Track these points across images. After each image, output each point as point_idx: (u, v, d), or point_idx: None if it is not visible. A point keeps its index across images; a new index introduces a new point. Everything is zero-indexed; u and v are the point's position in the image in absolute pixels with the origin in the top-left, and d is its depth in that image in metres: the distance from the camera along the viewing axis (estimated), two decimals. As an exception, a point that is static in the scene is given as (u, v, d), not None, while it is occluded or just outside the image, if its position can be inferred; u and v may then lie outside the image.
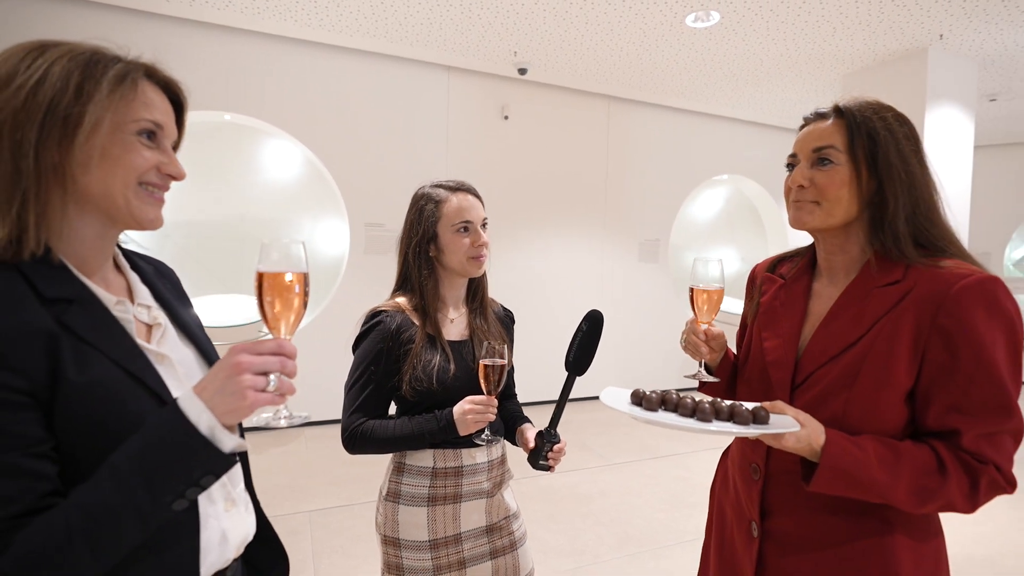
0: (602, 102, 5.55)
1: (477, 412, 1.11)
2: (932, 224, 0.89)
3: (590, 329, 1.13)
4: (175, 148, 0.74)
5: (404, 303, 1.25)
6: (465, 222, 1.23)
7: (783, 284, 1.04)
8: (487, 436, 1.16)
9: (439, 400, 1.18)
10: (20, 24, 3.62)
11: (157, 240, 4.75)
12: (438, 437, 1.15)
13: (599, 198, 5.65)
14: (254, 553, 0.81)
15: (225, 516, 0.73)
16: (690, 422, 0.86)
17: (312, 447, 4.08)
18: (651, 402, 0.91)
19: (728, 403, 0.86)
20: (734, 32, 4.07)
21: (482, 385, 1.11)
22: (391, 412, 1.25)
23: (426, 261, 1.25)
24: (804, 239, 1.05)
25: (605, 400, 0.95)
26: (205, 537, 0.69)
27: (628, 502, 3.21)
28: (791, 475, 0.91)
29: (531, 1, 3.67)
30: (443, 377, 1.18)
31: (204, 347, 0.80)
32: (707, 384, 1.09)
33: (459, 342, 1.25)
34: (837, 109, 0.93)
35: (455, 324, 1.28)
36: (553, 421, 1.16)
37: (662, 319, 5.99)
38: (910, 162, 0.88)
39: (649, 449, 4.15)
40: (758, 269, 1.14)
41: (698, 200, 6.98)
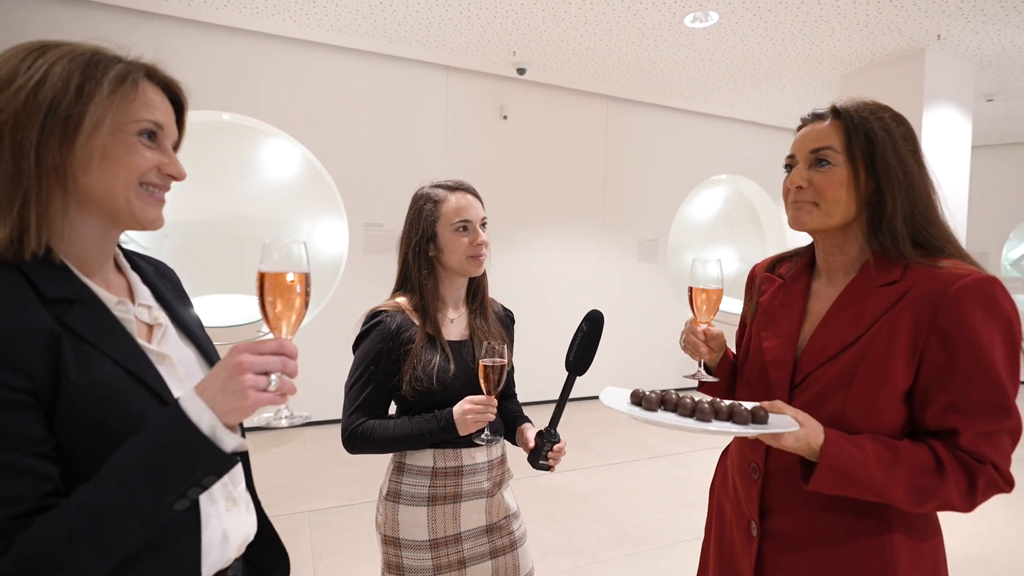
0: (601, 102, 5.56)
1: (477, 412, 1.11)
2: (930, 224, 0.89)
3: (590, 329, 1.13)
4: (175, 148, 0.74)
5: (404, 303, 1.25)
6: (463, 221, 1.23)
7: (782, 284, 1.05)
8: (487, 436, 1.16)
9: (439, 400, 1.18)
10: (17, 23, 3.61)
11: (155, 240, 4.74)
12: (438, 437, 1.16)
13: (598, 198, 5.66)
14: (255, 553, 0.82)
15: (226, 516, 0.73)
16: (689, 422, 0.86)
17: (311, 447, 4.08)
18: (650, 402, 0.92)
19: (727, 403, 0.87)
20: (732, 32, 4.07)
21: (482, 385, 1.11)
22: (391, 412, 1.25)
23: (426, 261, 1.25)
24: (803, 239, 1.05)
25: (605, 400, 0.95)
26: (206, 537, 0.69)
27: (627, 501, 3.22)
28: (790, 474, 0.91)
29: (530, 1, 3.67)
30: (443, 377, 1.18)
31: (205, 347, 0.80)
32: (706, 384, 1.09)
33: (459, 342, 1.26)
34: (834, 110, 0.93)
35: (455, 324, 1.28)
36: (553, 421, 1.16)
37: (661, 319, 5.99)
38: (907, 162, 0.88)
39: (648, 449, 4.15)
40: (757, 269, 1.14)
41: (697, 200, 6.99)
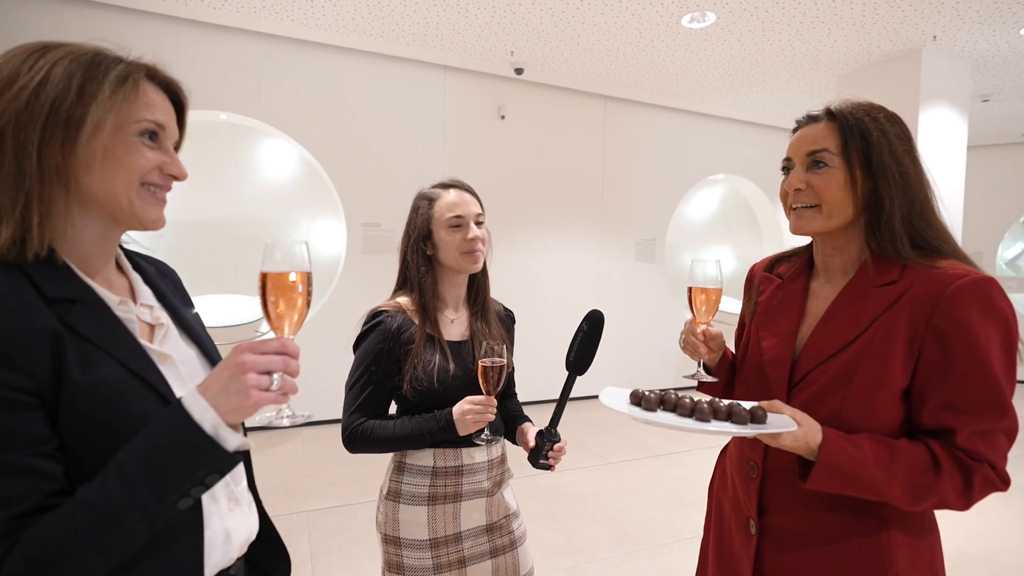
0: (598, 102, 5.56)
1: (476, 412, 1.12)
2: (927, 224, 0.90)
3: (591, 329, 1.13)
4: (176, 148, 0.74)
5: (405, 303, 1.25)
6: (456, 217, 1.23)
7: (781, 284, 1.05)
8: (487, 436, 1.17)
9: (439, 400, 1.18)
10: (14, 22, 3.60)
11: (152, 240, 4.72)
12: (438, 437, 1.16)
13: (596, 198, 5.66)
14: (256, 553, 0.82)
15: (229, 515, 0.73)
16: (689, 422, 0.87)
17: (309, 447, 4.08)
18: (650, 402, 0.92)
19: (726, 403, 0.87)
20: (730, 33, 4.08)
21: (481, 385, 1.11)
22: (392, 412, 1.25)
23: (424, 260, 1.26)
24: (800, 239, 1.05)
25: (604, 400, 0.95)
26: (209, 536, 0.69)
27: (626, 501, 3.23)
28: (789, 473, 0.92)
29: (528, 1, 3.68)
30: (443, 377, 1.18)
31: (206, 347, 0.80)
32: (706, 384, 1.10)
33: (459, 342, 1.26)
34: (829, 112, 0.93)
35: (455, 324, 1.29)
36: (553, 420, 1.16)
37: (659, 319, 6.00)
38: (903, 162, 0.89)
39: (647, 448, 4.16)
40: (756, 268, 1.15)
41: (694, 200, 7.00)
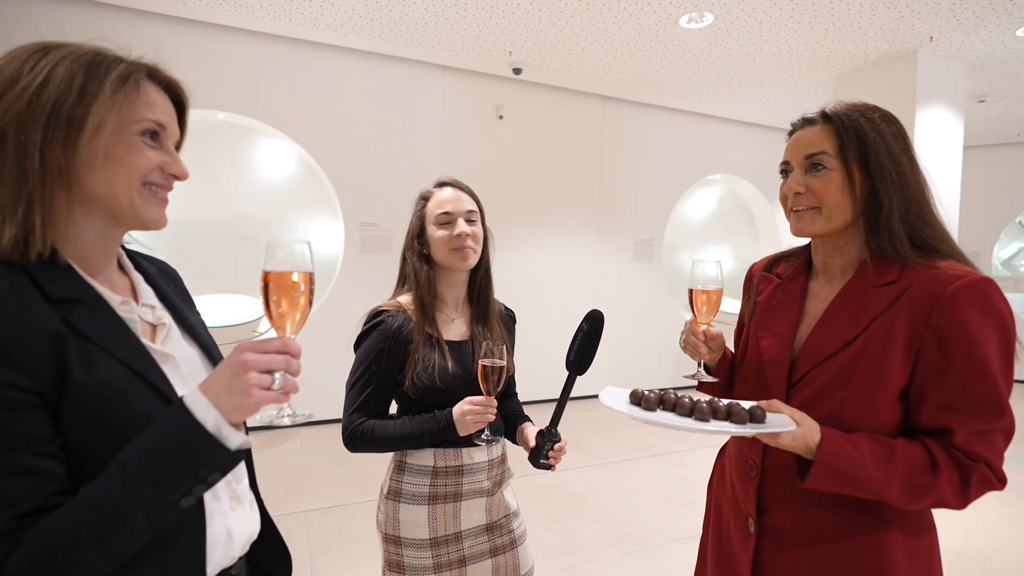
0: (596, 102, 5.57)
1: (476, 413, 1.12)
2: (924, 223, 0.90)
3: (591, 329, 1.13)
4: (177, 148, 0.75)
5: (405, 302, 1.26)
6: (445, 213, 1.24)
7: (780, 284, 1.05)
8: (487, 436, 1.16)
9: (440, 399, 1.18)
10: (12, 22, 3.58)
11: (151, 239, 4.71)
12: (438, 437, 1.16)
13: (593, 198, 5.67)
14: (258, 552, 0.82)
15: (230, 514, 0.73)
16: (688, 422, 0.87)
17: (307, 447, 4.07)
18: (650, 402, 0.92)
19: (725, 402, 0.87)
20: (727, 33, 4.09)
21: (481, 386, 1.11)
22: (392, 411, 1.25)
23: (420, 258, 1.26)
24: (799, 239, 1.06)
25: (604, 400, 0.95)
26: (211, 535, 0.69)
27: (625, 500, 3.23)
28: (787, 472, 0.92)
29: (526, 1, 3.68)
30: (443, 377, 1.19)
31: (208, 346, 0.80)
32: (706, 384, 1.10)
33: (459, 342, 1.26)
34: (824, 114, 0.94)
35: (456, 324, 1.29)
36: (554, 420, 1.16)
37: (656, 319, 6.01)
38: (900, 161, 0.89)
39: (646, 448, 4.17)
40: (755, 268, 1.15)
41: (692, 200, 7.01)
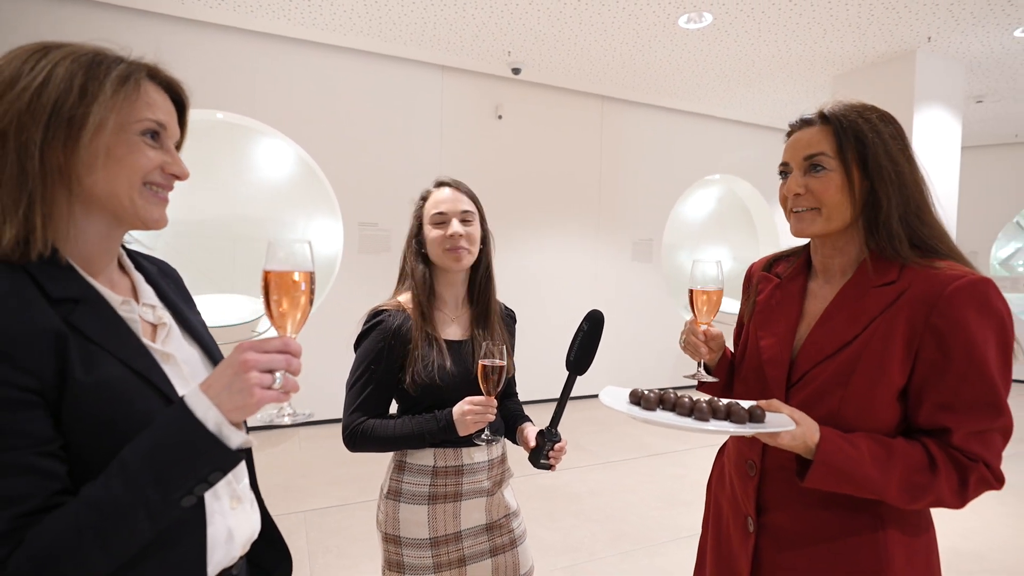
0: (595, 102, 5.57)
1: (476, 413, 1.12)
2: (923, 223, 0.90)
3: (591, 329, 1.14)
4: (178, 148, 0.74)
5: (405, 301, 1.26)
6: (440, 213, 1.24)
7: (779, 283, 1.06)
8: (487, 436, 1.16)
9: (440, 398, 1.18)
10: (10, 21, 3.57)
11: (149, 239, 4.69)
12: (438, 437, 1.16)
13: (592, 198, 5.67)
14: (258, 552, 0.82)
15: (231, 513, 0.73)
16: (688, 421, 0.87)
17: (306, 447, 4.07)
18: (649, 401, 0.92)
19: (725, 402, 0.87)
20: (726, 33, 4.10)
21: (481, 386, 1.12)
22: (392, 411, 1.25)
23: (418, 257, 1.27)
24: (798, 239, 1.06)
25: (604, 399, 0.95)
26: (211, 534, 0.69)
27: (623, 500, 3.23)
28: (786, 471, 0.92)
29: (525, 1, 3.68)
30: (442, 375, 1.19)
31: (208, 346, 0.80)
32: (706, 383, 1.10)
33: (458, 342, 1.26)
34: (822, 115, 0.94)
35: (455, 323, 1.29)
36: (554, 420, 1.16)
37: (655, 318, 6.02)
38: (899, 161, 0.90)
39: (644, 447, 4.17)
40: (754, 268, 1.15)
41: (690, 200, 7.02)
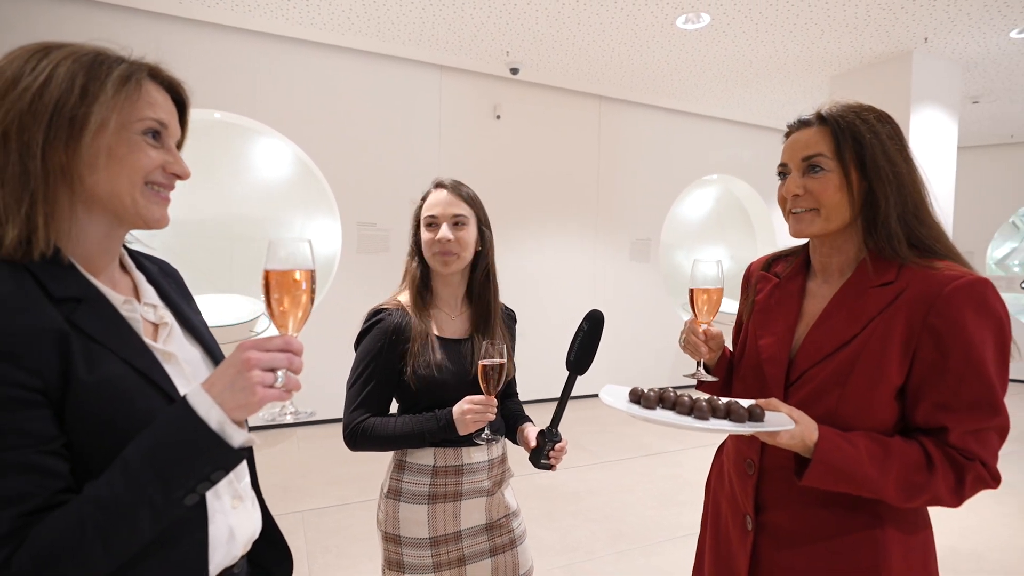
0: (593, 102, 5.58)
1: (476, 412, 1.12)
2: (921, 223, 0.91)
3: (591, 329, 1.14)
4: (179, 147, 0.75)
5: (405, 300, 1.27)
6: (431, 217, 1.24)
7: (778, 283, 1.06)
8: (487, 435, 1.16)
9: (439, 397, 1.19)
10: (8, 20, 3.56)
11: (147, 239, 4.68)
12: (438, 436, 1.16)
13: (591, 198, 5.68)
14: (259, 551, 0.82)
15: (232, 512, 0.73)
16: (688, 420, 0.87)
17: (304, 447, 4.07)
18: (649, 400, 0.92)
19: (724, 401, 0.88)
20: (724, 34, 4.11)
21: (481, 385, 1.12)
22: (392, 411, 1.25)
23: (417, 257, 1.28)
24: (796, 239, 1.06)
25: (604, 398, 0.95)
26: (213, 533, 0.69)
27: (620, 499, 3.24)
28: (785, 470, 0.93)
29: (523, 1, 3.68)
30: (439, 372, 1.19)
31: (209, 346, 0.80)
32: (705, 383, 1.11)
33: (457, 340, 1.26)
34: (820, 116, 0.94)
35: (455, 321, 1.29)
36: (554, 420, 1.16)
37: (653, 318, 6.02)
38: (896, 161, 0.90)
39: (641, 447, 4.18)
40: (753, 267, 1.16)
41: (688, 200, 7.03)
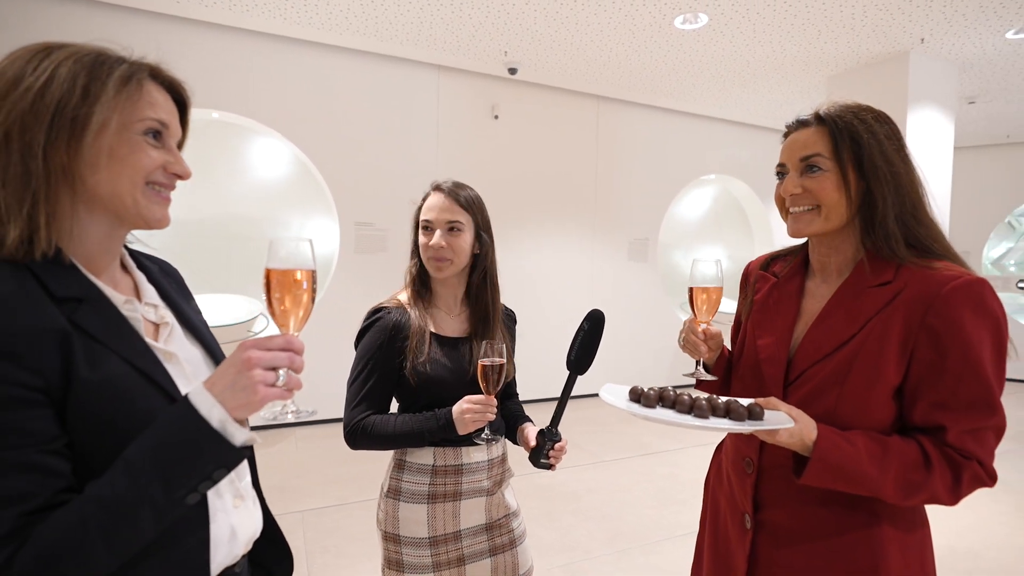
0: (591, 102, 5.58)
1: (476, 412, 1.12)
2: (919, 223, 0.91)
3: (591, 329, 1.14)
4: (179, 147, 0.75)
5: (405, 299, 1.27)
6: (425, 221, 1.25)
7: (776, 282, 1.07)
8: (487, 435, 1.17)
9: (438, 395, 1.19)
10: (8, 19, 3.55)
11: (144, 238, 4.67)
12: (438, 436, 1.16)
13: (589, 197, 5.68)
14: (260, 551, 0.82)
15: (234, 512, 0.73)
16: (687, 418, 0.88)
17: (302, 447, 4.06)
18: (649, 399, 0.93)
19: (724, 400, 0.88)
20: (721, 34, 4.12)
21: (481, 385, 1.12)
22: (392, 411, 1.25)
23: (416, 257, 1.28)
24: (793, 238, 1.07)
25: (604, 397, 0.96)
26: (214, 532, 0.69)
27: (619, 499, 3.25)
28: (783, 469, 0.93)
29: (521, 1, 3.68)
30: (436, 369, 1.19)
31: (210, 345, 0.80)
32: (704, 382, 1.11)
33: (456, 339, 1.26)
34: (818, 116, 0.95)
35: (454, 321, 1.29)
36: (554, 420, 1.17)
37: (651, 318, 6.03)
38: (894, 161, 0.91)
39: (640, 446, 4.19)
40: (752, 267, 1.16)
41: (686, 199, 7.04)
